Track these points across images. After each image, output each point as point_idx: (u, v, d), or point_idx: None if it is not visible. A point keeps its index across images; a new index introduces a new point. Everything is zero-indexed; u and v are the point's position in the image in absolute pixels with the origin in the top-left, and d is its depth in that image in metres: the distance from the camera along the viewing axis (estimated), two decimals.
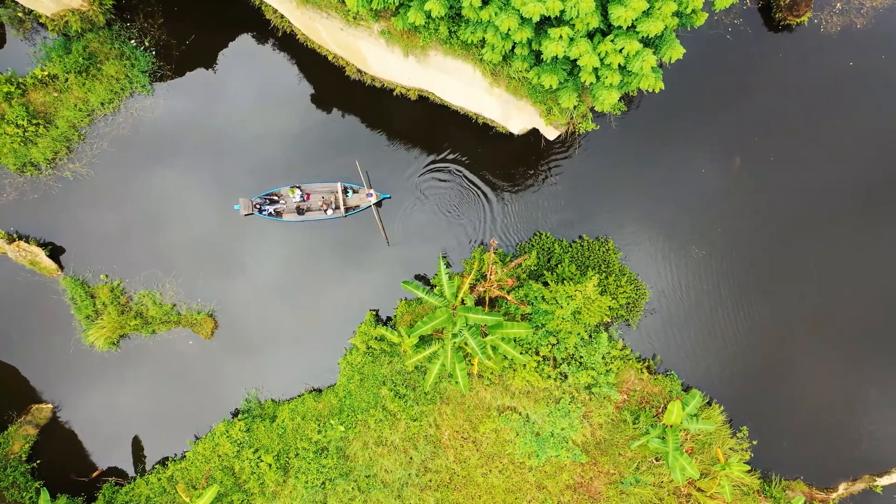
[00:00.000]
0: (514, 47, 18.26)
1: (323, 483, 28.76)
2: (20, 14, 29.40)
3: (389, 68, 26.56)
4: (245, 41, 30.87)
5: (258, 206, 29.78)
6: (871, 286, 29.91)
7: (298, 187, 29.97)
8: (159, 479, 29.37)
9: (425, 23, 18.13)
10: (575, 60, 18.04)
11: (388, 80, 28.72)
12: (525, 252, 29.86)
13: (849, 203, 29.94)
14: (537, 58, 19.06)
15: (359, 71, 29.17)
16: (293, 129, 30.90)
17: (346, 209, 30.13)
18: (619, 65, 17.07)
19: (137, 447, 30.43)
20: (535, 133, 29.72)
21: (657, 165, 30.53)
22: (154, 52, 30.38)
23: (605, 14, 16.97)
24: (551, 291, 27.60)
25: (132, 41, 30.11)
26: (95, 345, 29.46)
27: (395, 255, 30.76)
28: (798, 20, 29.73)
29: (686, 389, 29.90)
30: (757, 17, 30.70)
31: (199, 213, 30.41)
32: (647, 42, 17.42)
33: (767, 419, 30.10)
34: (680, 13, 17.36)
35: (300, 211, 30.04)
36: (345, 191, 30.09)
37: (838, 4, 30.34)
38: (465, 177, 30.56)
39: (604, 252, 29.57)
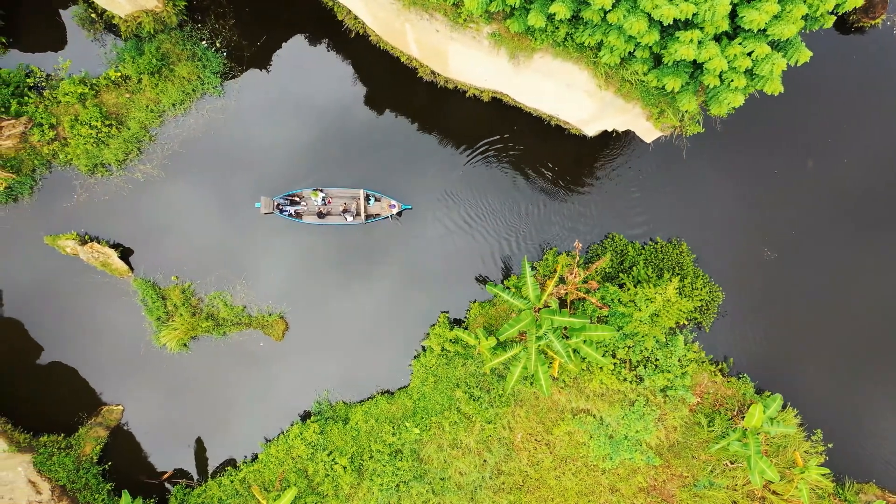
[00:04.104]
0: (634, 49, 18.24)
1: (397, 485, 28.71)
2: (93, 15, 29.32)
3: (470, 70, 26.48)
4: (315, 42, 30.76)
5: (279, 207, 29.64)
6: None
7: (321, 190, 29.80)
8: (231, 481, 29.33)
9: (543, 25, 18.10)
10: (696, 63, 18.03)
11: (463, 81, 28.65)
12: (598, 254, 29.80)
13: None
14: (655, 60, 19.03)
15: (433, 73, 29.08)
16: (346, 131, 30.69)
17: (367, 216, 29.91)
18: (747, 68, 17.03)
19: (206, 449, 30.38)
20: (606, 135, 29.70)
21: (728, 167, 30.47)
22: (225, 53, 30.29)
23: (730, 17, 16.92)
24: (628, 294, 27.56)
25: (203, 42, 30.04)
26: (167, 346, 29.42)
27: (447, 258, 30.64)
28: (872, 22, 29.66)
29: (758, 392, 29.84)
30: None
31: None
32: (772, 45, 17.37)
33: (838, 422, 30.05)
34: (807, 16, 17.34)
35: (320, 215, 29.85)
36: (367, 198, 29.88)
37: None
38: (532, 177, 30.53)
39: (677, 254, 29.51)
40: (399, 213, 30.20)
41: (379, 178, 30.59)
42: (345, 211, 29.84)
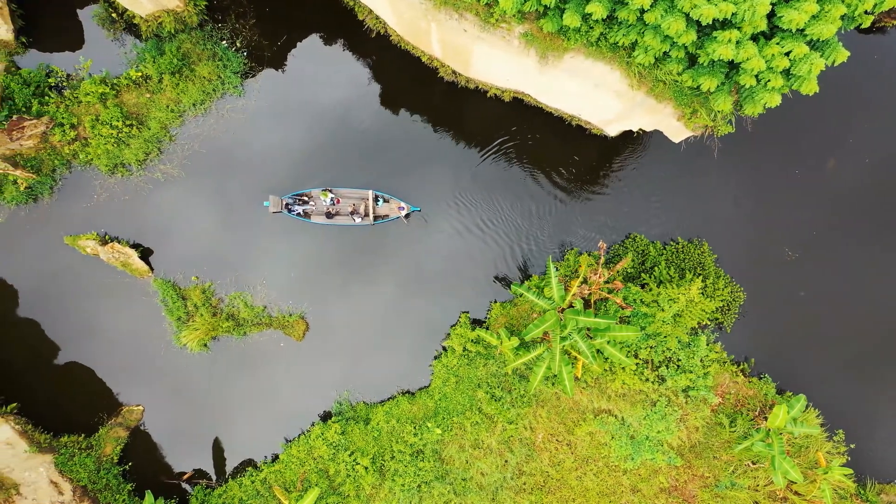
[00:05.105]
0: (669, 49, 18.20)
1: (419, 486, 28.66)
2: (113, 15, 29.27)
3: (494, 70, 26.42)
4: (335, 42, 30.72)
5: (288, 206, 29.58)
6: None
7: (330, 191, 29.73)
8: (252, 482, 29.27)
9: (578, 25, 18.06)
10: (731, 63, 18.00)
11: (485, 81, 28.59)
12: (620, 255, 29.75)
13: None
14: (689, 60, 18.99)
15: (454, 73, 29.03)
16: (361, 131, 30.58)
17: (375, 218, 29.83)
18: (785, 68, 16.99)
19: (225, 449, 30.33)
20: (627, 135, 29.65)
21: (749, 167, 30.42)
22: (245, 53, 30.23)
23: (767, 16, 16.87)
24: (651, 294, 27.51)
25: (224, 42, 29.98)
26: (188, 346, 29.36)
27: (465, 259, 30.54)
28: (894, 22, 29.59)
29: (780, 392, 29.80)
30: None
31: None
32: (810, 45, 17.35)
33: (860, 422, 30.01)
34: (844, 16, 17.31)
35: (328, 215, 29.80)
36: (375, 199, 29.79)
37: None
38: (551, 177, 30.48)
39: (699, 254, 29.46)
40: (408, 216, 30.13)
41: (391, 179, 30.47)
42: (353, 212, 29.78)
